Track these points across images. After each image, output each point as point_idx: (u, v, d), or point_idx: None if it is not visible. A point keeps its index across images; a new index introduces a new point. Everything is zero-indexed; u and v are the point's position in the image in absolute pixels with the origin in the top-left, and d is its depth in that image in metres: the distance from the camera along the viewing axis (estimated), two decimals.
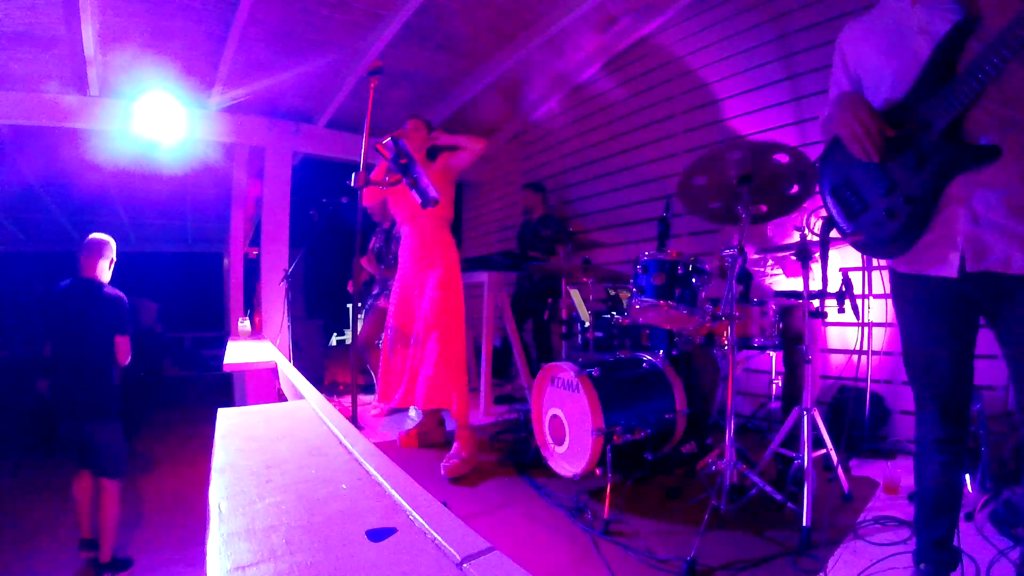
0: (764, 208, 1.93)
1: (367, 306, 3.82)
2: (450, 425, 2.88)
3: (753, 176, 1.77)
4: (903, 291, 1.32)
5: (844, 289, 2.04)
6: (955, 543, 1.30)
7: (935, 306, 1.25)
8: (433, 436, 2.83)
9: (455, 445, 2.45)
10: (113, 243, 2.91)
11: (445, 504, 0.79)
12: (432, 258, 2.58)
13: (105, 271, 2.84)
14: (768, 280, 2.67)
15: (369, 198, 2.73)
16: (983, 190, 1.11)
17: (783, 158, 1.73)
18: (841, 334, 2.82)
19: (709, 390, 2.51)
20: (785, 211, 2.00)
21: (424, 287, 2.57)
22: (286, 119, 4.82)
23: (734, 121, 3.39)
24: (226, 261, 8.87)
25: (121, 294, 2.82)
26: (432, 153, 2.73)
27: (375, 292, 3.78)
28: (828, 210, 1.40)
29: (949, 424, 1.26)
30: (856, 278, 2.42)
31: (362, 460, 0.97)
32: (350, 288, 3.92)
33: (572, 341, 2.90)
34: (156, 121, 3.92)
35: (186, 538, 2.84)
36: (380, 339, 3.67)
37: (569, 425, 2.20)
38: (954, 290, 1.20)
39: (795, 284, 2.55)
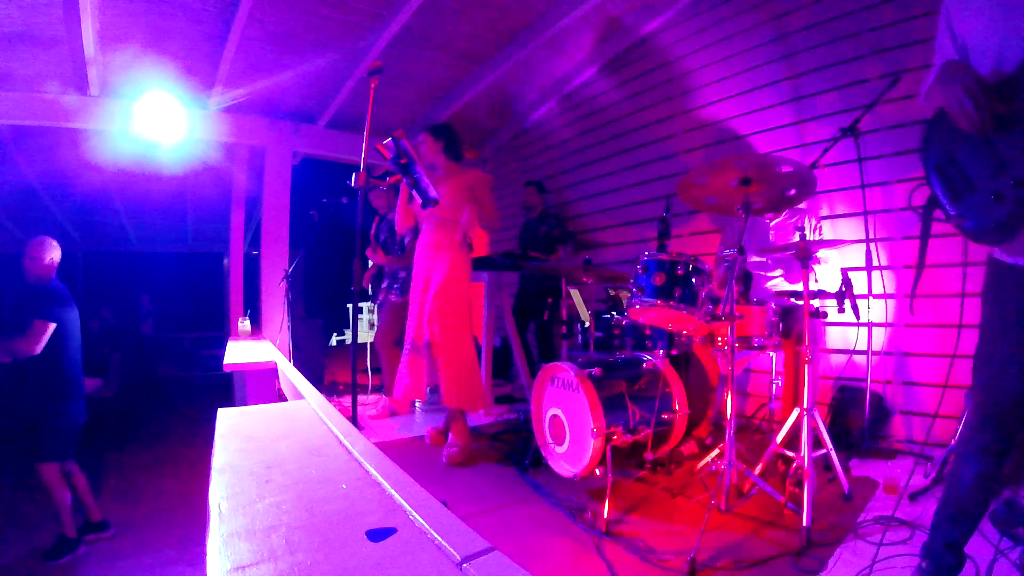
0: (759, 204, 1.94)
1: (379, 302, 3.80)
2: (431, 421, 3.04)
3: (753, 179, 1.78)
4: (997, 282, 1.23)
5: (844, 289, 2.04)
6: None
7: None
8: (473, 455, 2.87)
9: (451, 435, 2.60)
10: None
11: (445, 504, 0.79)
12: (437, 258, 2.64)
13: None
14: (768, 283, 2.67)
15: (402, 224, 2.81)
16: None
17: (787, 168, 1.74)
18: (842, 334, 2.82)
19: (709, 390, 2.51)
20: (780, 208, 2.01)
21: (428, 287, 2.64)
22: (286, 119, 4.82)
23: (734, 121, 3.39)
24: (226, 261, 8.86)
25: None
26: (455, 153, 2.75)
27: (384, 286, 3.74)
28: (931, 188, 1.29)
29: (1000, 435, 1.20)
30: (857, 278, 2.41)
31: (362, 460, 0.97)
32: (365, 281, 3.92)
33: (572, 341, 2.90)
34: (156, 121, 3.92)
35: (186, 538, 2.83)
36: (396, 336, 3.67)
37: (569, 425, 2.20)
38: None
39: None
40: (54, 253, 2.76)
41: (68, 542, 2.64)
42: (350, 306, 2.28)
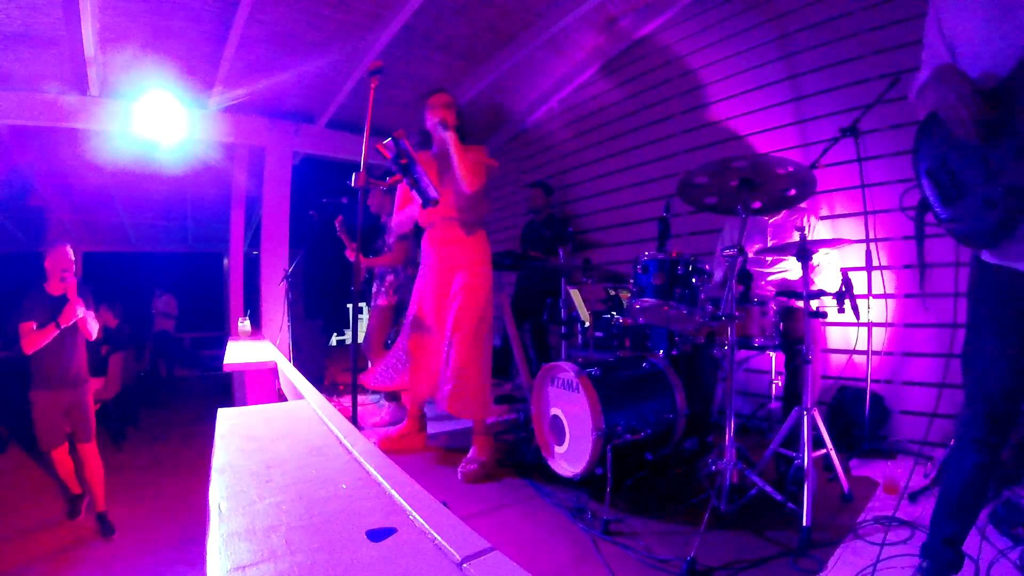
0: (759, 204, 1.94)
1: (371, 307, 3.78)
2: (431, 429, 2.90)
3: (753, 180, 1.78)
4: (983, 281, 1.25)
5: (844, 289, 2.04)
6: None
7: (1014, 303, 1.18)
8: (413, 441, 2.75)
9: (473, 449, 2.41)
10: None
11: (445, 504, 0.79)
12: (455, 258, 2.53)
13: None
14: (770, 274, 2.67)
15: (402, 226, 2.71)
16: None
17: (787, 168, 1.74)
18: (842, 334, 2.82)
19: (709, 390, 2.51)
20: (780, 208, 2.01)
21: (449, 288, 2.51)
22: (286, 119, 4.82)
23: (734, 121, 3.39)
24: (226, 261, 8.86)
25: None
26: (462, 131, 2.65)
27: (373, 290, 3.72)
28: (922, 192, 1.31)
29: (993, 427, 1.22)
30: (857, 279, 2.41)
31: (362, 460, 0.97)
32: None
33: (572, 341, 2.89)
34: (156, 121, 3.93)
35: (186, 538, 2.84)
36: (387, 340, 3.65)
37: (569, 425, 2.20)
38: None
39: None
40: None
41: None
42: (350, 306, 2.27)
